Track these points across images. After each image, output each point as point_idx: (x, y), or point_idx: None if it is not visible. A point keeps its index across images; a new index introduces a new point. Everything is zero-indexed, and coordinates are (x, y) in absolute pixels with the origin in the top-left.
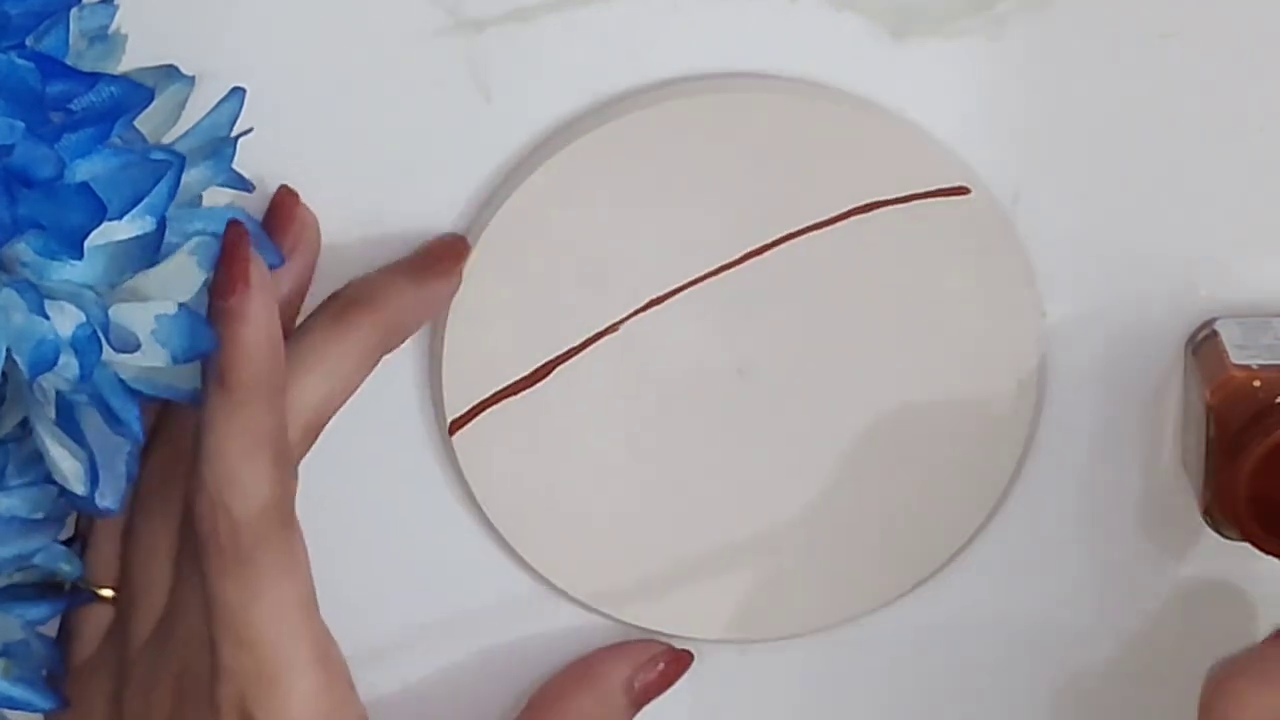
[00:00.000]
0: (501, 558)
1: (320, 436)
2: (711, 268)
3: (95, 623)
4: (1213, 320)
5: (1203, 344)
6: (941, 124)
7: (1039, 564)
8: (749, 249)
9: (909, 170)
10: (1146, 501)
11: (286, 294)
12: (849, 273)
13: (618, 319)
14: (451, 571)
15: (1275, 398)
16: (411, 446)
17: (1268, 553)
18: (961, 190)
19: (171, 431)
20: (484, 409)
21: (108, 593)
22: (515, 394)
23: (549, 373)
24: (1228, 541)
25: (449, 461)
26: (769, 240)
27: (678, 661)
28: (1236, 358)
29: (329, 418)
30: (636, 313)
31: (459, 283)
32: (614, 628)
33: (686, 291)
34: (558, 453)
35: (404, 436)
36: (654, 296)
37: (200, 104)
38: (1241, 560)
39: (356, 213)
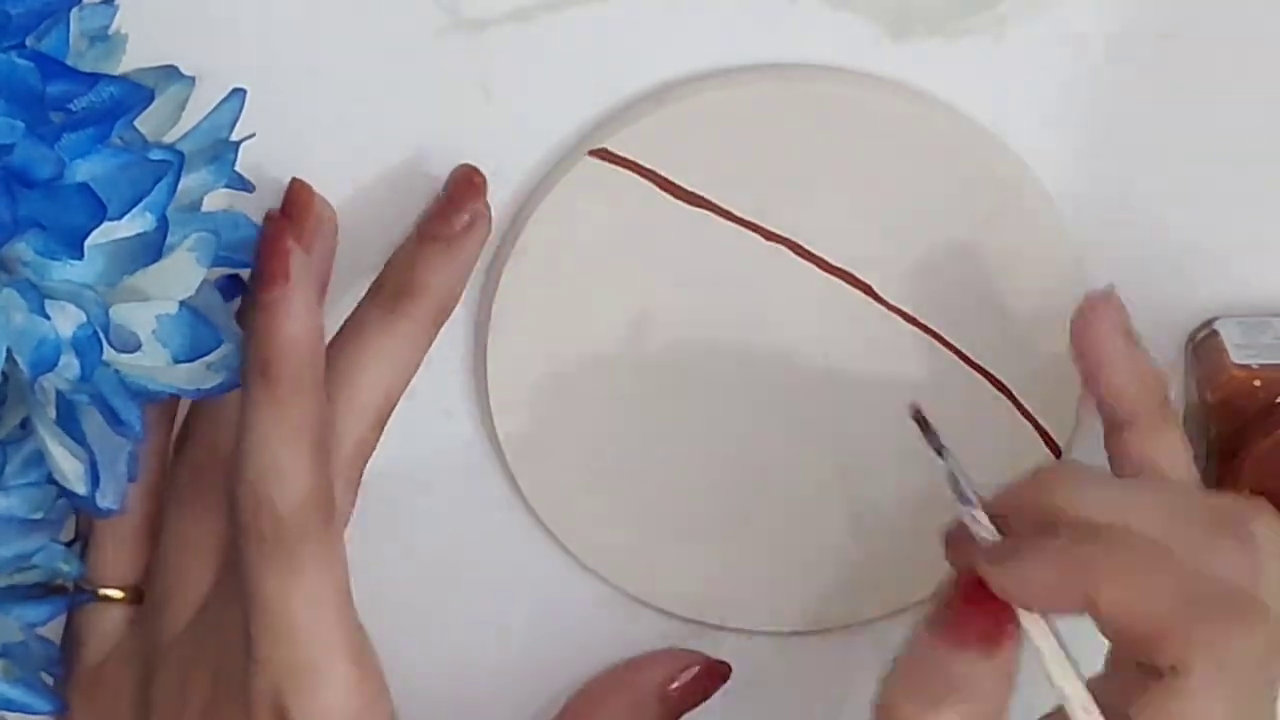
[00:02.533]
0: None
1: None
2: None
3: (108, 622)
4: (1213, 320)
5: (1203, 344)
6: None
7: None
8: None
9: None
10: None
11: None
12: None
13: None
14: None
15: (1275, 397)
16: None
17: None
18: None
19: (206, 430)
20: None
21: (114, 593)
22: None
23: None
24: None
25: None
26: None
27: (713, 672)
28: (1236, 357)
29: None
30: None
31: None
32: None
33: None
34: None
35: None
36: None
37: (200, 104)
38: None
39: (355, 212)
